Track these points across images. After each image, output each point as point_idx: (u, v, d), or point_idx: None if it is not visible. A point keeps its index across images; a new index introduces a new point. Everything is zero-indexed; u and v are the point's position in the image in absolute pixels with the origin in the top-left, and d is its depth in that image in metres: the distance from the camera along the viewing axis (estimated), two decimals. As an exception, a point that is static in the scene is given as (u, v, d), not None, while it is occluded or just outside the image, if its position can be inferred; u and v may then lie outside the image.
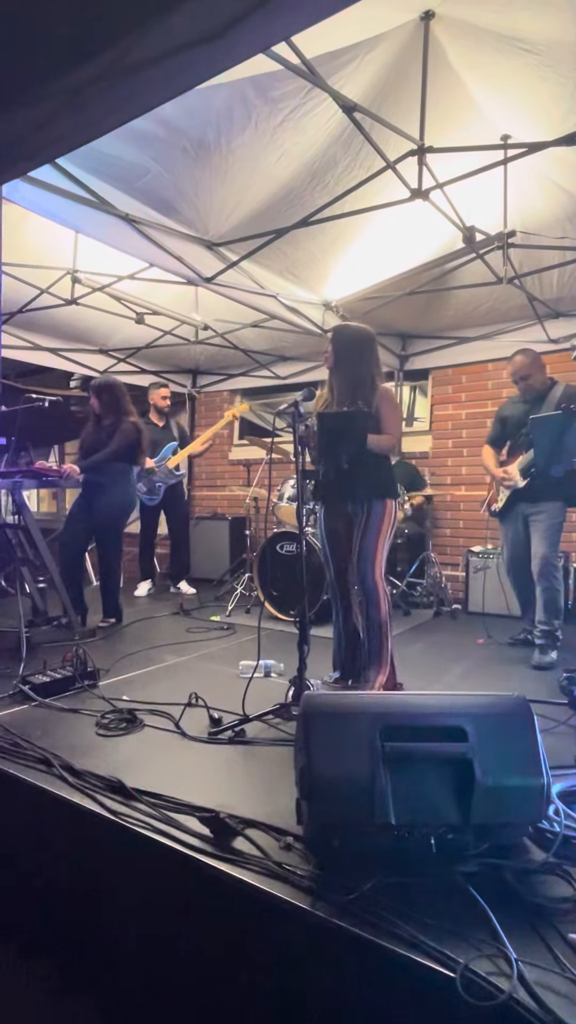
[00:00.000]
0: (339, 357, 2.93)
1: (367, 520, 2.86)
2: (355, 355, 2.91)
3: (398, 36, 2.61)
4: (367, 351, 2.93)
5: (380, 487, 2.88)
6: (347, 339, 2.94)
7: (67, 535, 4.27)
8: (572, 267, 4.00)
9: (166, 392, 5.69)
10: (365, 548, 2.87)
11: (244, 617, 4.70)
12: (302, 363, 6.14)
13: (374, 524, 2.86)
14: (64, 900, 1.98)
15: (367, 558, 2.86)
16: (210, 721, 2.55)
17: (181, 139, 2.87)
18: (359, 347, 2.92)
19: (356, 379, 2.89)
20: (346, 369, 2.92)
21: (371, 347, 2.95)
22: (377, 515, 2.86)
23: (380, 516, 2.86)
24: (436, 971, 1.23)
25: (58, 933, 1.97)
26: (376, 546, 2.86)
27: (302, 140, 2.98)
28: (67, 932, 1.95)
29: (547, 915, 1.40)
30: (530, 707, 1.65)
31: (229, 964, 1.57)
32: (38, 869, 2.07)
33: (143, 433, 4.35)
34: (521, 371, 3.70)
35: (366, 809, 1.50)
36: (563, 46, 2.49)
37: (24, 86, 1.86)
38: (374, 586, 2.87)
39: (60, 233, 3.66)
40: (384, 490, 2.89)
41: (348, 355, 2.92)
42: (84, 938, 1.90)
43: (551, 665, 3.47)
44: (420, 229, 3.65)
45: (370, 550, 2.86)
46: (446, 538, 5.68)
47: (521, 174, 3.20)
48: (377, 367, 2.96)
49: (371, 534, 2.86)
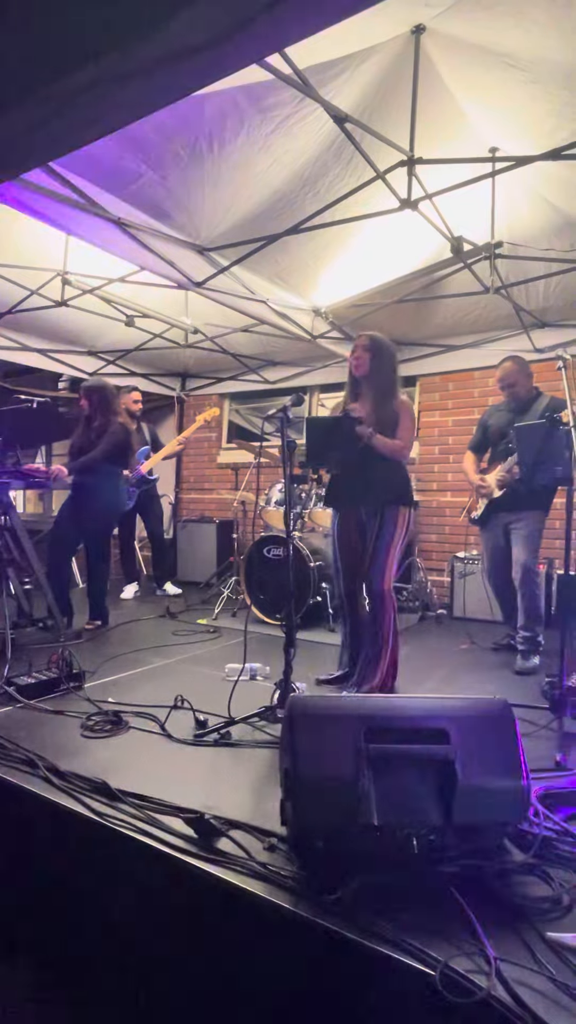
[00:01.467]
0: (377, 365, 2.97)
1: (380, 527, 2.88)
2: (390, 366, 3.00)
3: (390, 49, 2.65)
4: (394, 361, 3.03)
5: (395, 494, 2.91)
6: (386, 350, 3.01)
7: (55, 536, 4.26)
8: (558, 278, 4.06)
9: (138, 396, 5.69)
10: (376, 555, 2.88)
11: (230, 620, 4.70)
12: (291, 368, 6.17)
13: (387, 531, 2.88)
14: (46, 900, 1.97)
15: (378, 565, 2.88)
16: (195, 723, 2.56)
17: (174, 144, 2.89)
18: (393, 359, 3.02)
19: (387, 388, 2.96)
20: (380, 378, 2.98)
21: (395, 357, 3.06)
22: (391, 522, 2.88)
23: (394, 523, 2.88)
24: (416, 969, 1.26)
25: (38, 933, 1.97)
26: (388, 554, 2.88)
27: (293, 148, 3.01)
28: (47, 932, 1.95)
29: (526, 915, 1.43)
30: (512, 710, 1.69)
31: (212, 964, 1.58)
32: (21, 869, 2.07)
33: (132, 435, 4.35)
34: (508, 378, 3.75)
35: (350, 810, 1.52)
36: (550, 63, 2.54)
37: (19, 89, 1.87)
38: (381, 594, 2.88)
39: (51, 235, 3.66)
40: (399, 497, 2.92)
41: (385, 365, 2.98)
42: (64, 938, 1.90)
43: (533, 670, 3.52)
44: (409, 238, 3.70)
45: (381, 557, 2.88)
46: (432, 543, 5.72)
47: (508, 186, 3.26)
48: (398, 378, 3.06)
49: (383, 541, 2.88)
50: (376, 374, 2.97)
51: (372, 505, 2.93)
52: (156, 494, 5.80)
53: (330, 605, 4.46)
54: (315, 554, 4.48)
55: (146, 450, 5.61)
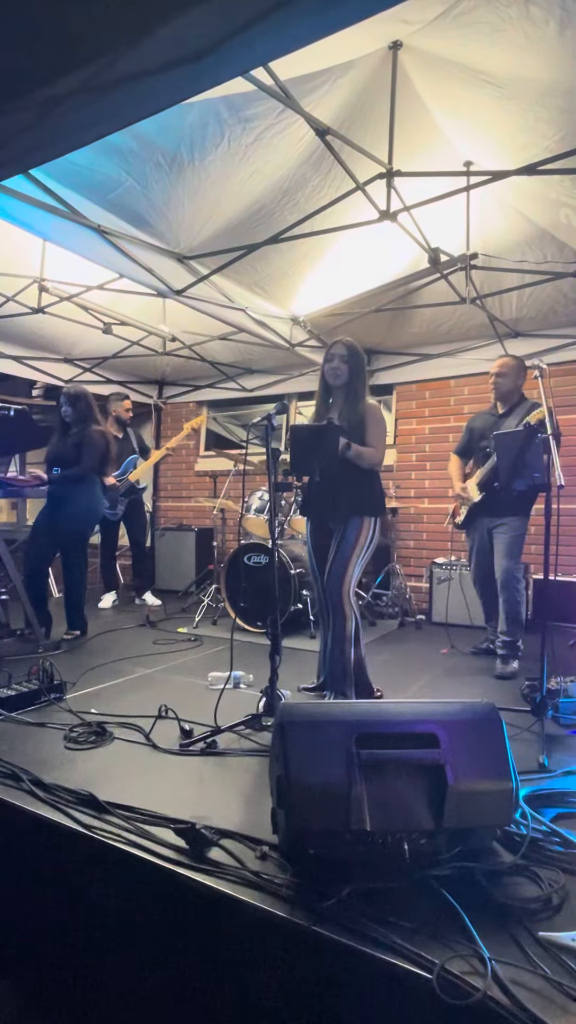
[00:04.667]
0: (353, 373, 2.98)
1: (342, 536, 2.90)
2: (363, 373, 3.01)
3: (368, 63, 2.70)
4: (363, 366, 3.04)
5: (358, 504, 2.91)
6: (359, 357, 3.01)
7: (32, 545, 4.19)
8: (530, 289, 4.16)
9: (128, 404, 5.67)
10: (336, 564, 2.89)
11: (211, 629, 4.68)
12: (269, 376, 6.20)
13: (348, 541, 2.89)
14: (35, 915, 1.94)
15: (336, 574, 2.89)
16: (181, 733, 2.54)
17: (155, 153, 2.89)
18: (365, 365, 3.04)
19: (359, 395, 2.97)
20: (354, 385, 2.98)
21: (364, 363, 3.07)
22: (352, 532, 2.89)
23: (355, 534, 2.88)
24: (413, 972, 1.26)
25: (27, 949, 1.93)
26: (347, 563, 2.88)
27: (273, 159, 3.04)
28: (35, 948, 1.91)
29: (517, 915, 1.45)
30: (499, 713, 1.71)
31: (207, 974, 1.56)
32: (8, 885, 2.02)
33: (111, 443, 4.32)
34: (501, 367, 3.79)
35: (342, 816, 1.53)
36: (523, 80, 2.61)
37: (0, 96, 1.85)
38: (340, 602, 2.89)
39: (28, 241, 3.63)
40: (362, 508, 2.91)
41: (360, 373, 2.99)
42: (54, 953, 1.86)
43: (513, 675, 3.57)
44: (386, 249, 3.76)
45: (340, 567, 2.89)
46: (410, 550, 5.78)
47: (483, 200, 3.34)
48: (366, 382, 3.06)
49: (343, 551, 2.89)
50: (352, 381, 2.99)
51: (336, 516, 2.95)
52: (142, 503, 5.77)
53: (311, 612, 4.47)
54: (295, 561, 4.49)
55: (135, 458, 5.57)
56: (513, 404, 3.80)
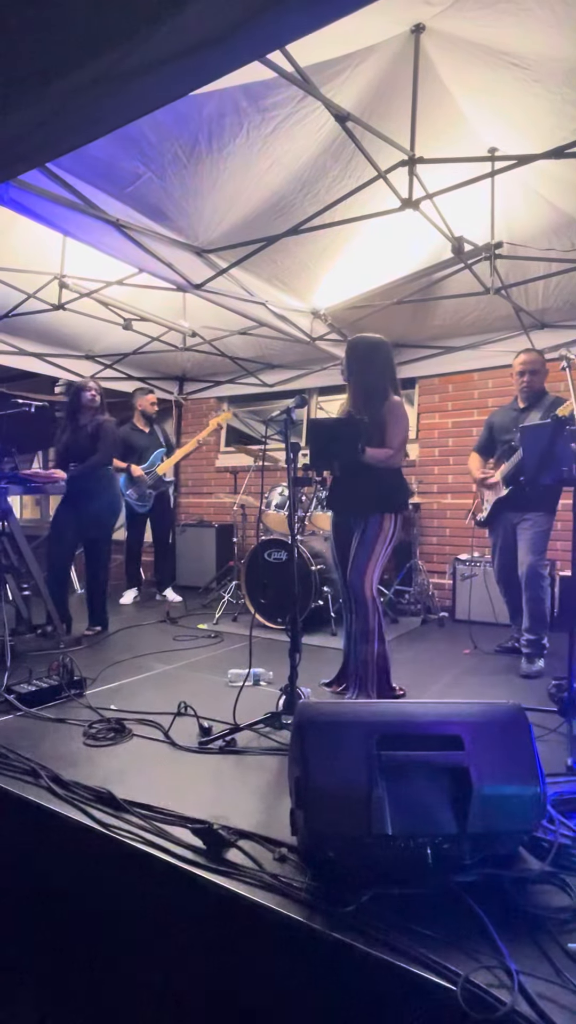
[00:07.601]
0: (349, 368, 2.97)
1: (363, 533, 2.87)
2: (364, 365, 2.95)
3: (389, 48, 2.63)
4: (376, 361, 2.97)
5: (378, 501, 2.88)
6: (356, 350, 2.98)
7: (54, 542, 4.21)
8: (557, 279, 4.05)
9: (154, 398, 5.70)
10: (357, 560, 2.87)
11: (231, 625, 4.66)
12: (289, 371, 6.14)
13: (368, 538, 2.86)
14: (51, 913, 1.93)
15: (358, 569, 2.87)
16: (200, 730, 2.52)
17: (172, 145, 2.86)
18: (368, 357, 2.97)
19: (367, 389, 2.92)
20: (356, 379, 2.96)
21: (379, 357, 2.99)
22: (373, 529, 2.86)
23: (376, 530, 2.85)
24: (436, 984, 1.22)
25: (41, 949, 1.92)
26: (368, 559, 2.86)
27: (292, 149, 2.99)
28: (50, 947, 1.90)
29: (545, 926, 1.39)
30: (525, 715, 1.65)
31: (225, 978, 1.54)
32: (25, 882, 2.02)
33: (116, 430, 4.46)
34: (532, 365, 3.69)
35: (363, 819, 1.49)
36: (552, 61, 2.52)
37: (17, 90, 1.84)
38: (363, 598, 2.87)
39: (48, 238, 3.63)
40: (382, 505, 2.88)
41: (357, 365, 2.96)
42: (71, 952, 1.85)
43: (539, 674, 3.48)
44: (409, 239, 3.68)
45: (361, 562, 2.86)
46: (433, 546, 5.69)
47: (508, 186, 3.25)
48: (387, 377, 2.98)
49: (364, 547, 2.87)
50: (358, 376, 2.94)
51: (357, 512, 2.92)
52: (169, 497, 5.79)
53: (332, 609, 4.43)
54: (316, 557, 4.45)
55: (161, 452, 5.58)
56: (535, 398, 3.70)
